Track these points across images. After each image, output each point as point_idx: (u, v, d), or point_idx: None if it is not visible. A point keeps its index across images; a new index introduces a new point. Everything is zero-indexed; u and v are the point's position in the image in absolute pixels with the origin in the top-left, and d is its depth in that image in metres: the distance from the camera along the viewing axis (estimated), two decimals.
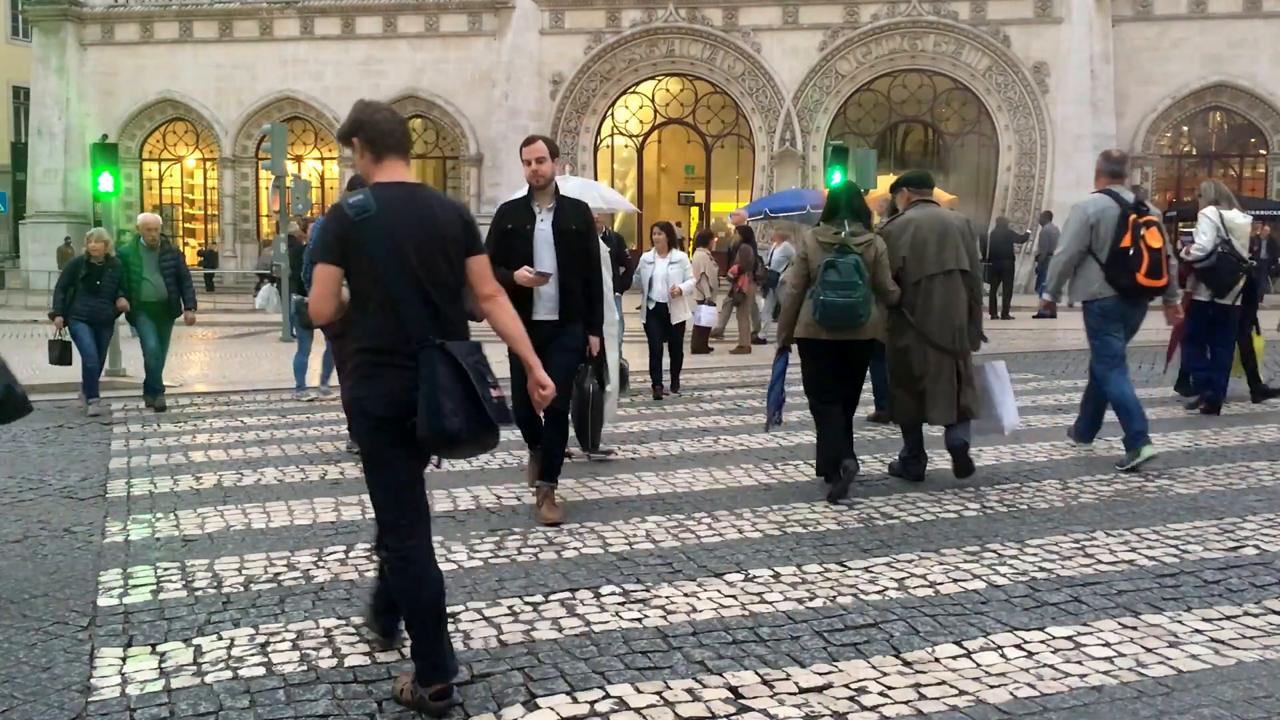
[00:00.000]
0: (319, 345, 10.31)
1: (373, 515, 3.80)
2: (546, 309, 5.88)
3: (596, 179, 29.48)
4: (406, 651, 3.95)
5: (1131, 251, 6.67)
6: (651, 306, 10.51)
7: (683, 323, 10.95)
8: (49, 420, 9.37)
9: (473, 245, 3.66)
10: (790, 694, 3.57)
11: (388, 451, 3.47)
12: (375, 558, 4.28)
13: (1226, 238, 8.39)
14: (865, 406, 8.23)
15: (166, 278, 10.20)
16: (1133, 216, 6.74)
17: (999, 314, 20.62)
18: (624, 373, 9.70)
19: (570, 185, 6.86)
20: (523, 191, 6.33)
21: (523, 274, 5.78)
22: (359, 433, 3.65)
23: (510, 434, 8.37)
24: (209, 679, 3.73)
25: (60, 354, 10.16)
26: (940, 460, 7.26)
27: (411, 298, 3.41)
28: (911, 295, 6.31)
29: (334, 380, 9.88)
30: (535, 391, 3.88)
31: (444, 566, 4.95)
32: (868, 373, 7.12)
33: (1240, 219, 8.59)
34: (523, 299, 5.59)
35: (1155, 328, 8.47)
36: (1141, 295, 6.83)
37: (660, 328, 10.51)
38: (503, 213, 6.18)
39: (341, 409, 8.25)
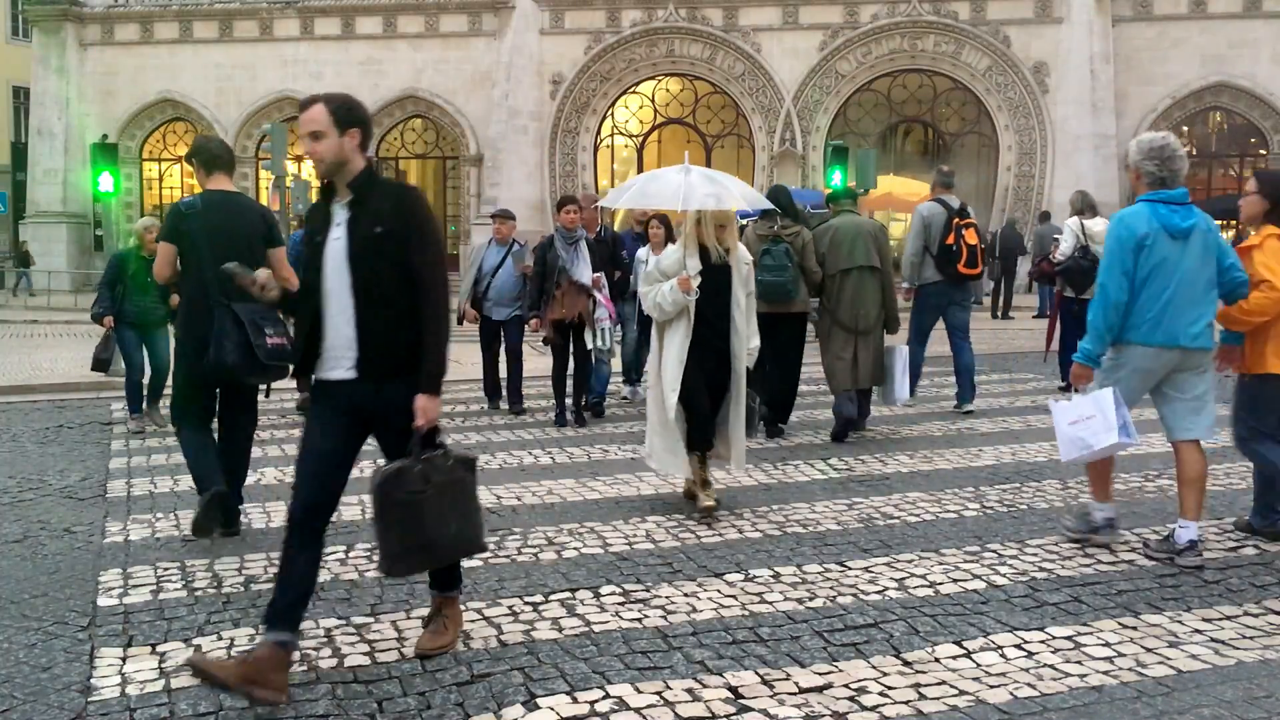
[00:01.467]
0: None
1: (372, 513, 3.84)
2: (338, 361, 3.71)
3: (596, 179, 29.59)
4: (407, 651, 3.95)
5: (955, 247, 8.63)
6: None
7: None
8: (49, 420, 9.37)
9: (272, 239, 5.49)
10: (790, 694, 3.57)
11: (196, 375, 5.31)
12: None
13: (1085, 244, 9.56)
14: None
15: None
16: (956, 220, 8.68)
17: (1000, 314, 20.62)
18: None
19: (693, 178, 5.93)
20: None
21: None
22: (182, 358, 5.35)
23: (511, 434, 8.38)
24: None
25: (102, 360, 9.07)
26: (941, 460, 7.27)
27: (212, 269, 4.78)
28: (829, 286, 7.93)
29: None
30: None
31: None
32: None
33: (1099, 226, 9.43)
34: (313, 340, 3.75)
35: None
36: (962, 281, 8.83)
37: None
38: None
39: None
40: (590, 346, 8.68)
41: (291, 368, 4.24)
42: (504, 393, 9.65)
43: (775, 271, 7.61)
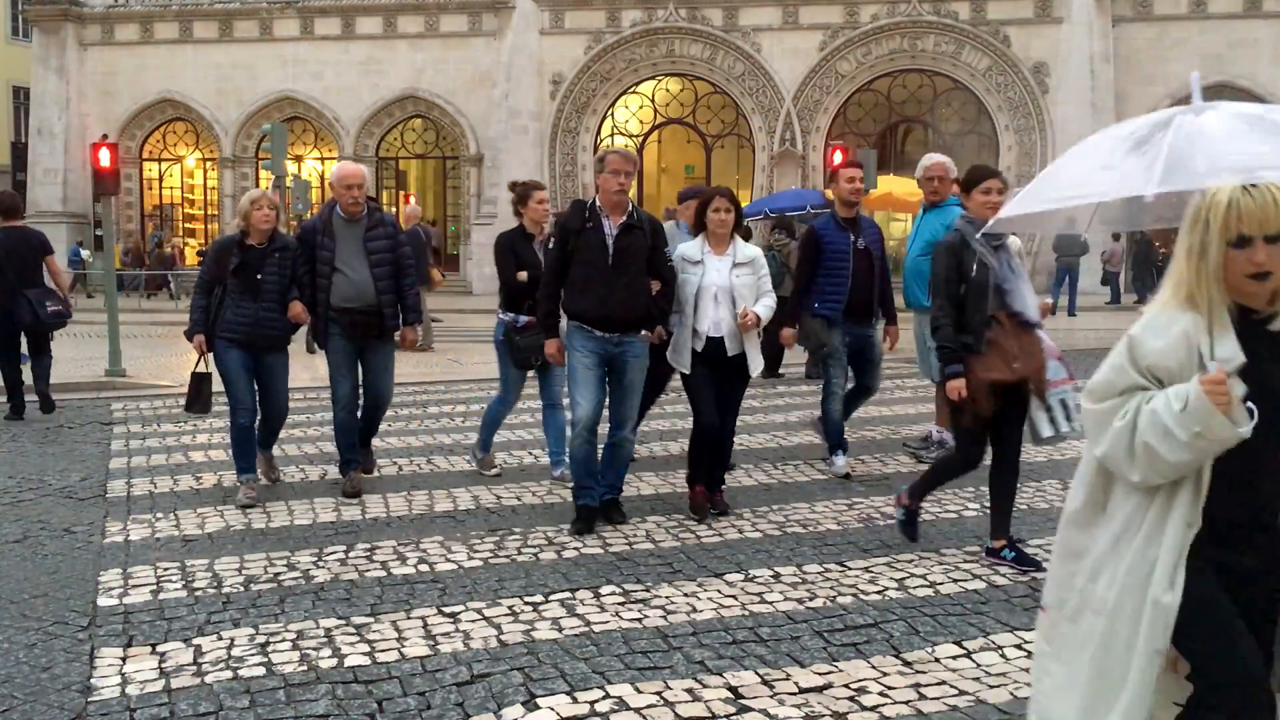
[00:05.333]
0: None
1: (373, 515, 3.84)
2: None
3: (596, 179, 29.54)
4: (407, 651, 3.96)
5: None
6: (700, 346, 5.72)
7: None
8: (49, 420, 9.37)
9: (46, 251, 9.21)
10: (790, 694, 3.57)
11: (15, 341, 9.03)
12: None
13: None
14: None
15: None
16: None
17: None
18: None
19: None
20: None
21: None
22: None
23: (511, 434, 8.37)
24: (209, 679, 3.73)
25: (200, 392, 6.59)
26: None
27: (11, 273, 8.83)
28: None
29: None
30: None
31: (444, 566, 4.96)
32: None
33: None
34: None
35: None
36: None
37: (711, 382, 5.75)
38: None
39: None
40: (1046, 434, 4.88)
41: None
42: None
43: None
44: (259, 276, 6.16)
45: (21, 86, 34.86)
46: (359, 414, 6.58)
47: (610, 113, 30.01)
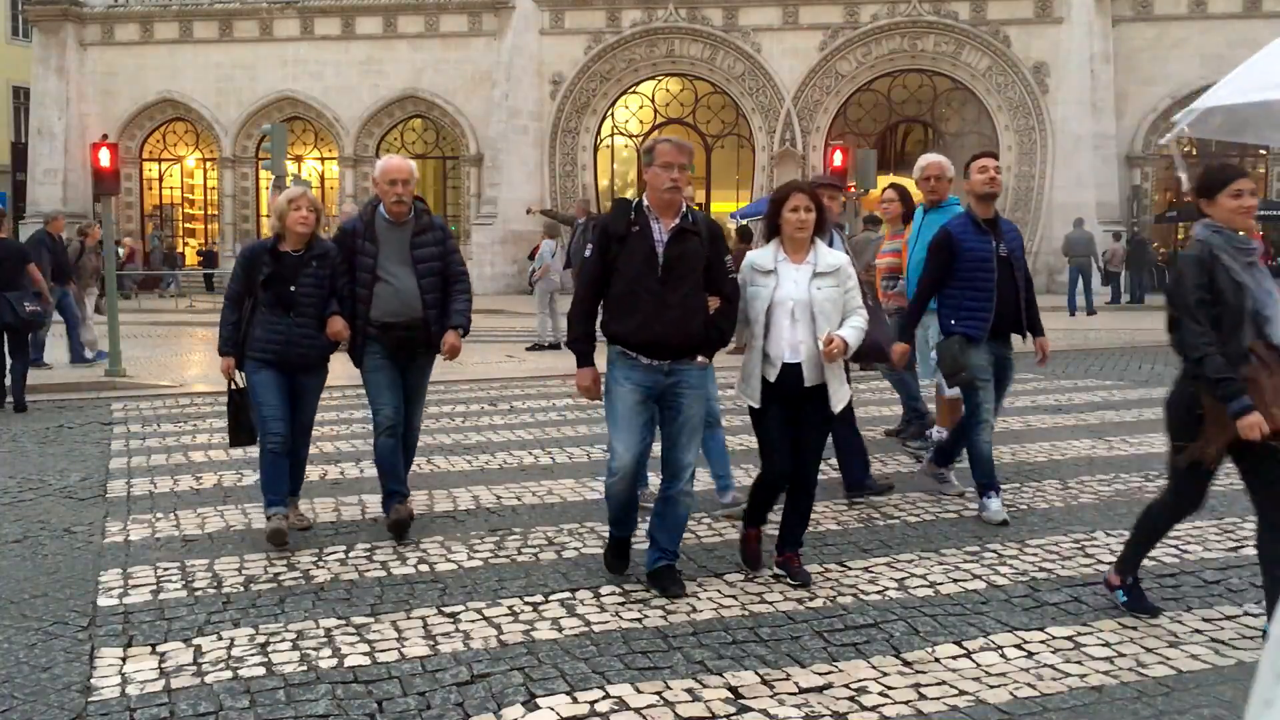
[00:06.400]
0: None
1: (373, 514, 3.84)
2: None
3: (596, 179, 29.60)
4: (407, 651, 3.95)
5: None
6: (773, 375, 4.75)
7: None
8: (49, 420, 9.37)
9: (25, 259, 10.36)
10: (790, 694, 3.57)
11: None
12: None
13: None
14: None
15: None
16: None
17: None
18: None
19: None
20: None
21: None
22: None
23: (511, 434, 8.37)
24: (209, 679, 3.73)
25: (240, 422, 5.77)
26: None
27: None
28: None
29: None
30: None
31: (444, 566, 4.96)
32: None
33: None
34: None
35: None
36: None
37: (785, 419, 4.78)
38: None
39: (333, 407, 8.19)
40: None
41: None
42: None
43: None
44: (293, 289, 5.36)
45: (21, 86, 34.86)
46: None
47: (610, 113, 30.01)
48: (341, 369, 6.01)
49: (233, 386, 5.66)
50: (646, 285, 4.51)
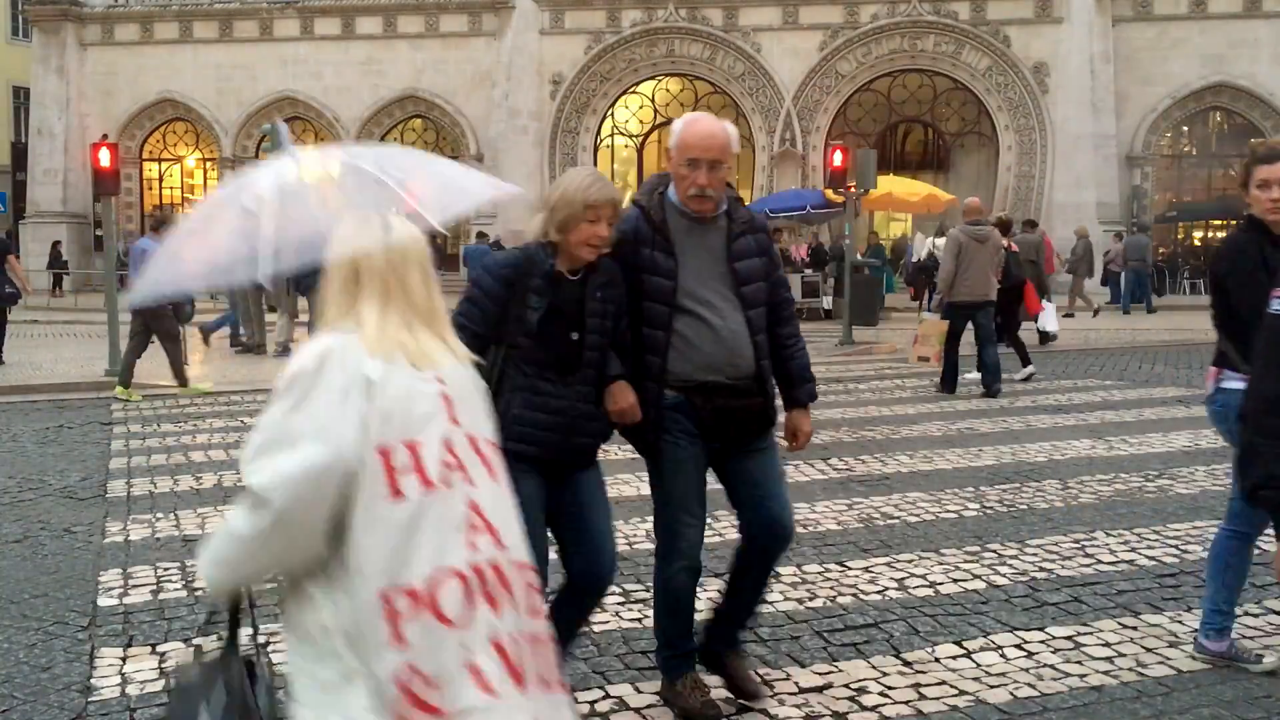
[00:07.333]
0: None
1: None
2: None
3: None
4: None
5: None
6: None
7: None
8: (49, 420, 9.37)
9: (7, 253, 12.98)
10: (790, 694, 3.57)
11: None
12: None
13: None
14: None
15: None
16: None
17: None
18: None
19: None
20: None
21: None
22: None
23: None
24: None
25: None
26: (941, 460, 7.27)
27: None
28: None
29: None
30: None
31: None
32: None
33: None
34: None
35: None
36: None
37: None
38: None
39: None
40: None
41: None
42: None
43: None
44: (576, 336, 3.19)
45: (21, 86, 34.85)
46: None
47: (610, 113, 30.02)
48: None
49: None
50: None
